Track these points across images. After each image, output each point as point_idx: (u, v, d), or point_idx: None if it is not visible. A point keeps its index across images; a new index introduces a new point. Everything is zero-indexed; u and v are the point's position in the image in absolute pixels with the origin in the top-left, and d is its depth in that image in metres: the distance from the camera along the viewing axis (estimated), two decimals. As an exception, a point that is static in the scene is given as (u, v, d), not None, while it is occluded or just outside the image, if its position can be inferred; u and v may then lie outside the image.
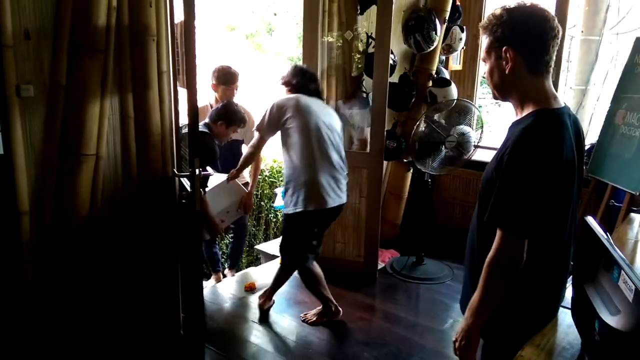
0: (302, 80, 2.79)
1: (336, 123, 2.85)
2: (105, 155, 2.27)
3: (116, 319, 2.44)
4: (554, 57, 1.33)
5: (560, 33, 1.32)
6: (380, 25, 3.07)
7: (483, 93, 9.71)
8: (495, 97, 1.44)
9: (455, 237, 4.28)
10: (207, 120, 3.04)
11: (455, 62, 4.47)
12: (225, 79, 3.29)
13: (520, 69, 1.32)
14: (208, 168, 2.64)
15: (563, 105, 1.36)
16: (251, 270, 3.78)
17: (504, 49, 1.31)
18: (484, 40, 1.38)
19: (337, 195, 2.76)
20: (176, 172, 2.40)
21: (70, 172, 2.14)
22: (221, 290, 3.39)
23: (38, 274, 2.14)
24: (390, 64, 3.56)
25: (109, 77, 2.21)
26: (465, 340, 1.41)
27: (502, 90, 1.41)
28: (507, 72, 1.33)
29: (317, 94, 2.86)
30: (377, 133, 3.22)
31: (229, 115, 3.04)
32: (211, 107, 3.35)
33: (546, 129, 1.28)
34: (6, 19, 1.86)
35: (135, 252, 2.47)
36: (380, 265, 3.76)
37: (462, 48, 4.22)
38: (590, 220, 1.22)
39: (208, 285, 3.50)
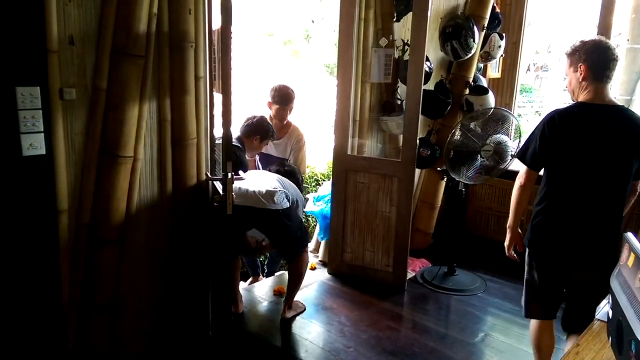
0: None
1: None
2: (142, 158, 2.33)
3: (148, 317, 2.50)
4: (614, 71, 2.04)
5: (619, 56, 2.06)
6: (415, 32, 3.04)
7: (522, 102, 9.53)
8: (573, 98, 2.15)
9: (489, 249, 4.20)
10: (239, 134, 3.15)
11: (494, 70, 4.40)
12: (281, 99, 3.40)
13: (588, 77, 2.04)
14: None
15: (609, 103, 2.05)
16: (282, 274, 3.80)
17: (579, 65, 2.05)
18: (567, 61, 2.13)
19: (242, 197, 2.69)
20: (209, 176, 2.44)
21: (108, 173, 2.21)
22: (253, 291, 3.41)
23: (74, 271, 2.20)
24: (426, 71, 3.53)
25: (148, 82, 2.27)
26: (506, 243, 2.31)
27: (575, 91, 2.13)
28: (580, 80, 2.07)
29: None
30: (409, 141, 3.18)
31: (264, 130, 3.18)
32: None
33: (564, 111, 2.10)
34: (52, 25, 1.94)
35: (169, 253, 2.52)
36: (411, 275, 3.71)
37: (501, 56, 4.14)
38: (629, 237, 1.17)
39: (244, 285, 3.55)
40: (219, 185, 2.37)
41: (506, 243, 2.30)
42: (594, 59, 2.01)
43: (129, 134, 2.23)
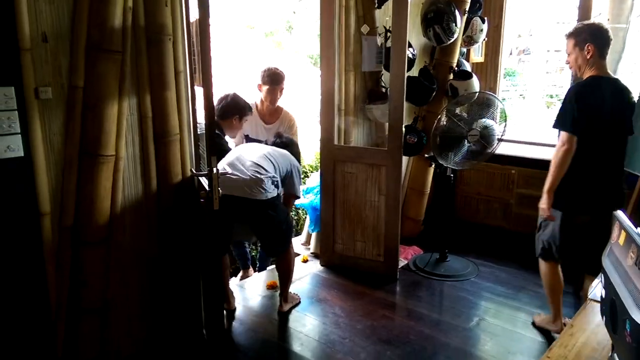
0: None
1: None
2: (124, 156, 2.28)
3: (138, 319, 2.46)
4: (608, 50, 2.40)
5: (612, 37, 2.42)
6: (396, 18, 3.01)
7: (506, 86, 9.53)
8: (576, 74, 2.53)
9: (480, 233, 4.22)
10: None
11: (477, 55, 4.38)
12: (271, 79, 3.30)
13: (595, 55, 2.38)
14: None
15: (609, 76, 2.43)
16: (274, 268, 3.77)
17: (587, 45, 2.37)
18: (570, 41, 2.44)
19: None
20: (194, 172, 2.39)
21: (90, 173, 2.16)
22: (245, 287, 3.38)
23: (60, 274, 2.16)
24: (409, 58, 3.50)
25: (127, 78, 2.22)
26: (543, 204, 2.49)
27: (581, 68, 2.44)
28: (588, 57, 2.39)
29: None
30: (395, 129, 3.16)
31: (241, 107, 3.04)
32: (256, 106, 3.39)
33: (583, 84, 2.41)
34: (24, 22, 1.88)
35: (157, 252, 2.48)
36: (403, 263, 3.71)
37: (484, 40, 4.12)
38: (619, 214, 1.16)
39: (235, 281, 3.52)
40: (204, 181, 2.33)
41: (545, 205, 2.49)
42: (600, 39, 2.36)
43: (109, 132, 2.17)
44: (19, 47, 1.88)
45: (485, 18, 3.89)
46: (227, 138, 3.13)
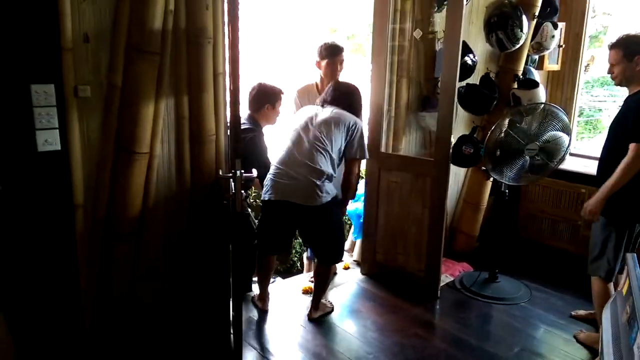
0: None
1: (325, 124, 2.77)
2: (159, 154, 2.34)
3: (167, 317, 2.52)
4: None
5: None
6: (450, 20, 2.84)
7: (604, 96, 8.77)
8: (619, 85, 2.51)
9: (541, 254, 3.91)
10: (248, 112, 2.99)
11: (553, 62, 4.06)
12: (329, 51, 3.09)
13: None
14: (253, 170, 2.62)
15: None
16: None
17: (636, 57, 2.36)
18: (616, 51, 2.42)
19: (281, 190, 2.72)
20: (220, 174, 2.41)
21: (124, 168, 2.23)
22: (281, 289, 3.38)
23: (90, 263, 2.26)
24: (469, 64, 3.33)
25: (165, 79, 2.27)
26: (594, 207, 2.48)
27: (629, 80, 2.44)
28: (637, 69, 2.37)
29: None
30: (442, 138, 3.00)
31: (270, 93, 2.96)
32: (317, 86, 3.23)
33: None
34: (66, 23, 1.97)
35: (187, 250, 2.53)
36: (449, 279, 3.53)
37: (560, 46, 3.82)
38: (629, 259, 1.00)
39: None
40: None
41: (596, 207, 2.48)
42: None
43: (144, 130, 2.24)
44: (61, 47, 1.98)
45: (559, 24, 3.59)
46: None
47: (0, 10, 1.85)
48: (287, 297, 3.26)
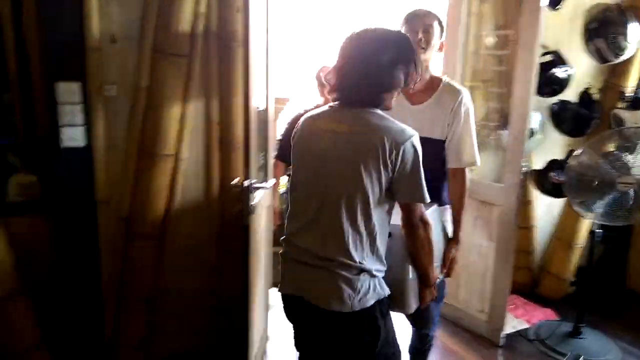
0: None
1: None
2: (186, 157, 2.32)
3: (187, 317, 2.48)
4: None
5: None
6: (525, 25, 2.43)
7: None
8: None
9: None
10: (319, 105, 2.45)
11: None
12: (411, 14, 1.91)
13: None
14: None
15: None
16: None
17: None
18: None
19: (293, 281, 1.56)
20: (234, 183, 2.28)
21: (147, 169, 2.24)
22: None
23: (111, 260, 2.29)
24: (563, 78, 2.85)
25: (194, 82, 2.25)
26: None
27: None
28: None
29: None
30: (513, 163, 2.56)
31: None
32: None
33: None
34: (93, 24, 2.04)
35: (215, 257, 2.46)
36: (524, 326, 3.01)
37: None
38: None
39: None
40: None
41: None
42: None
43: (168, 132, 2.23)
44: (87, 47, 2.05)
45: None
46: None
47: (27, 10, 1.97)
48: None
